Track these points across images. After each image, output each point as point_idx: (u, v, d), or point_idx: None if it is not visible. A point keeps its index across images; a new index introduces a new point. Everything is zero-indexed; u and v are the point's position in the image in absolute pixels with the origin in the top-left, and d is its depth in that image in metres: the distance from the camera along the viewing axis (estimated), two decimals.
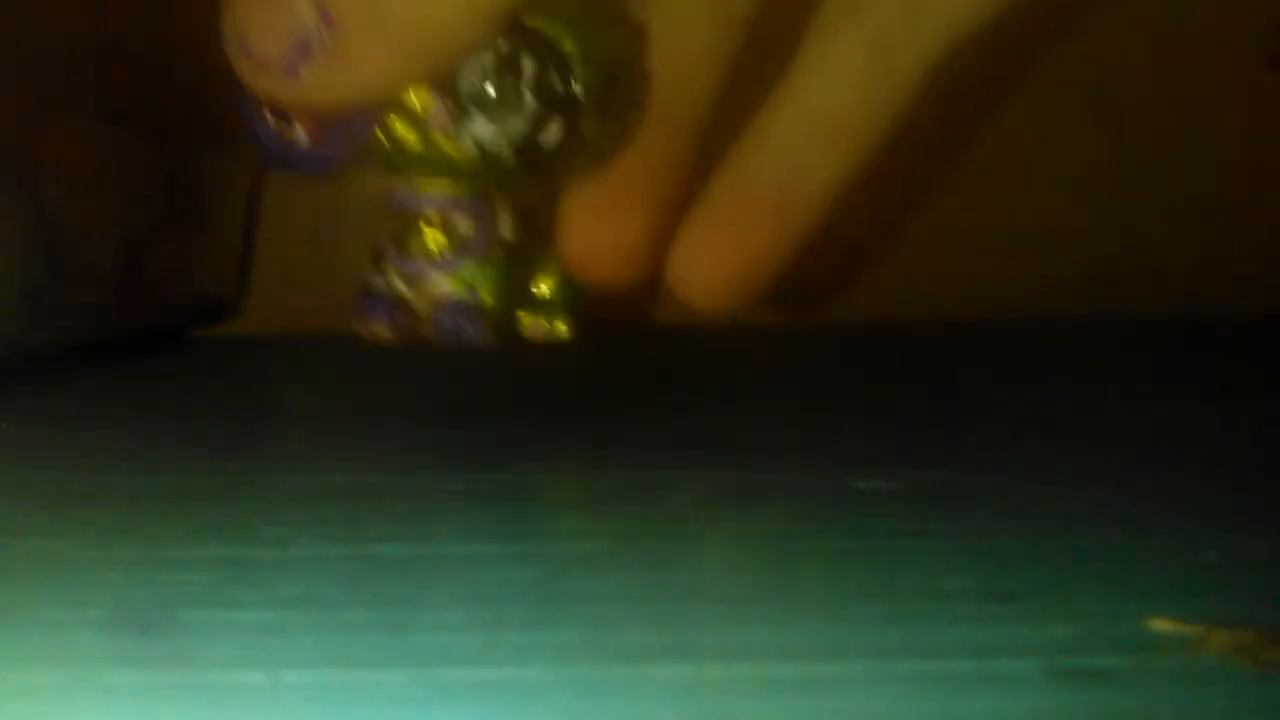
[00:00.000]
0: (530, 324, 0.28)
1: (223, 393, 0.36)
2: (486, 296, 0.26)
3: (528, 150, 0.24)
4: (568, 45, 0.24)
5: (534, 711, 0.14)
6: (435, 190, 0.26)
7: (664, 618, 0.17)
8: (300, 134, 0.24)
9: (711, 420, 0.29)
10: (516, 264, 0.27)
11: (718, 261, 0.28)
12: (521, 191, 0.27)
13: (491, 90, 0.24)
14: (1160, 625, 0.16)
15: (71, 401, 0.32)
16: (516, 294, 0.28)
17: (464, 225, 0.26)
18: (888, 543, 0.20)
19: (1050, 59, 0.50)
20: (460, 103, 0.24)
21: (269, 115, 0.24)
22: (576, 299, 0.28)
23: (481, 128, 0.24)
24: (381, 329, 0.26)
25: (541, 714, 0.14)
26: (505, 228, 0.27)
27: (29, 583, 0.18)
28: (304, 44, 0.22)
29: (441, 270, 0.26)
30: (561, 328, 0.28)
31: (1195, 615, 0.16)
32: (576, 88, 0.24)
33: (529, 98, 0.24)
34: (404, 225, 0.27)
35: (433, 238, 0.26)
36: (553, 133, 0.24)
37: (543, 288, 0.28)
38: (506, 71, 0.24)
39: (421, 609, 0.17)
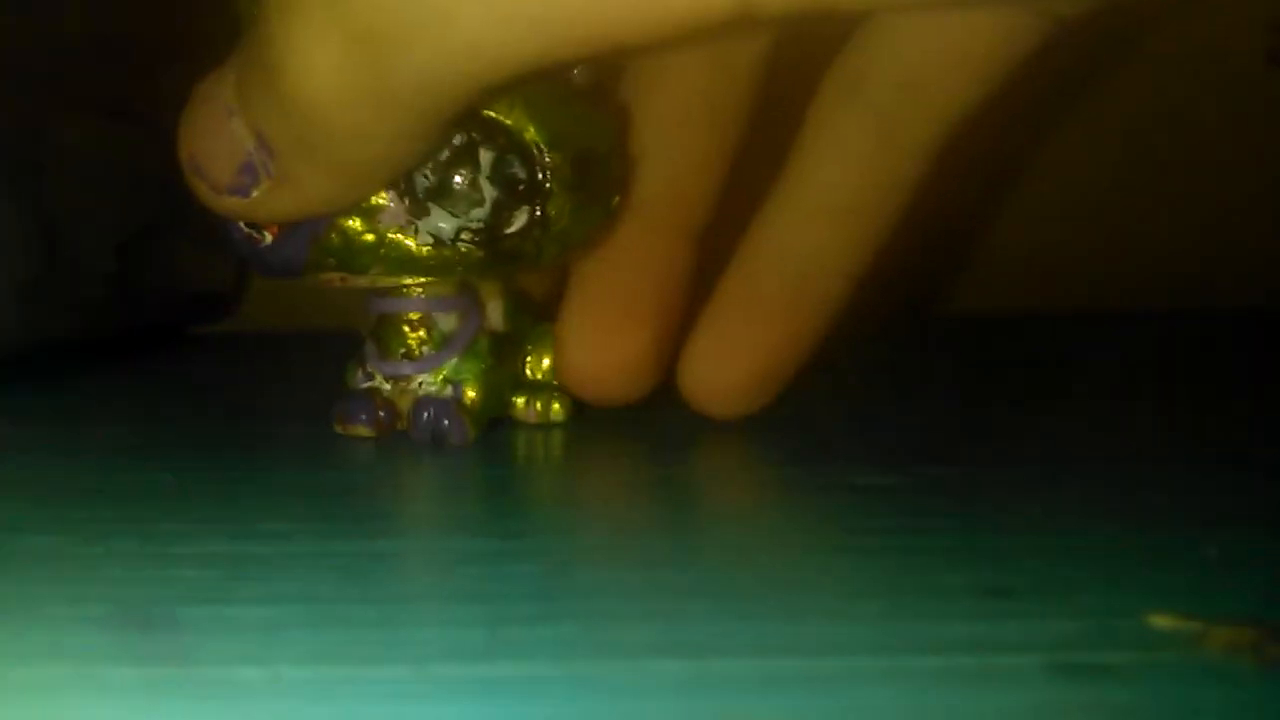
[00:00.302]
0: (523, 406, 0.28)
1: (222, 389, 0.36)
2: (470, 391, 0.26)
3: (490, 239, 0.24)
4: (531, 133, 0.23)
5: (535, 707, 0.14)
6: (415, 291, 0.26)
7: (664, 613, 0.16)
8: (267, 238, 0.24)
9: (711, 418, 0.28)
10: (507, 351, 0.27)
11: (731, 367, 0.27)
12: (504, 277, 0.27)
13: (446, 184, 0.24)
14: (1160, 621, 0.16)
15: (71, 398, 0.32)
16: (506, 380, 0.27)
17: (446, 323, 0.26)
18: (888, 539, 0.20)
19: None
20: (416, 198, 0.24)
21: (242, 224, 0.24)
22: None
23: (440, 221, 0.24)
24: (362, 428, 0.26)
25: (542, 709, 0.14)
26: (495, 317, 0.27)
27: (30, 579, 0.18)
28: (250, 169, 0.22)
29: (423, 369, 0.26)
30: (557, 409, 0.28)
31: (1195, 611, 0.16)
32: (544, 176, 0.24)
33: (488, 188, 0.24)
34: (385, 326, 0.26)
35: (414, 338, 0.26)
36: (518, 221, 0.24)
37: (541, 367, 0.28)
38: (462, 164, 0.23)
39: (421, 605, 0.17)
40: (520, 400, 0.28)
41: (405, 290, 0.26)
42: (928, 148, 0.26)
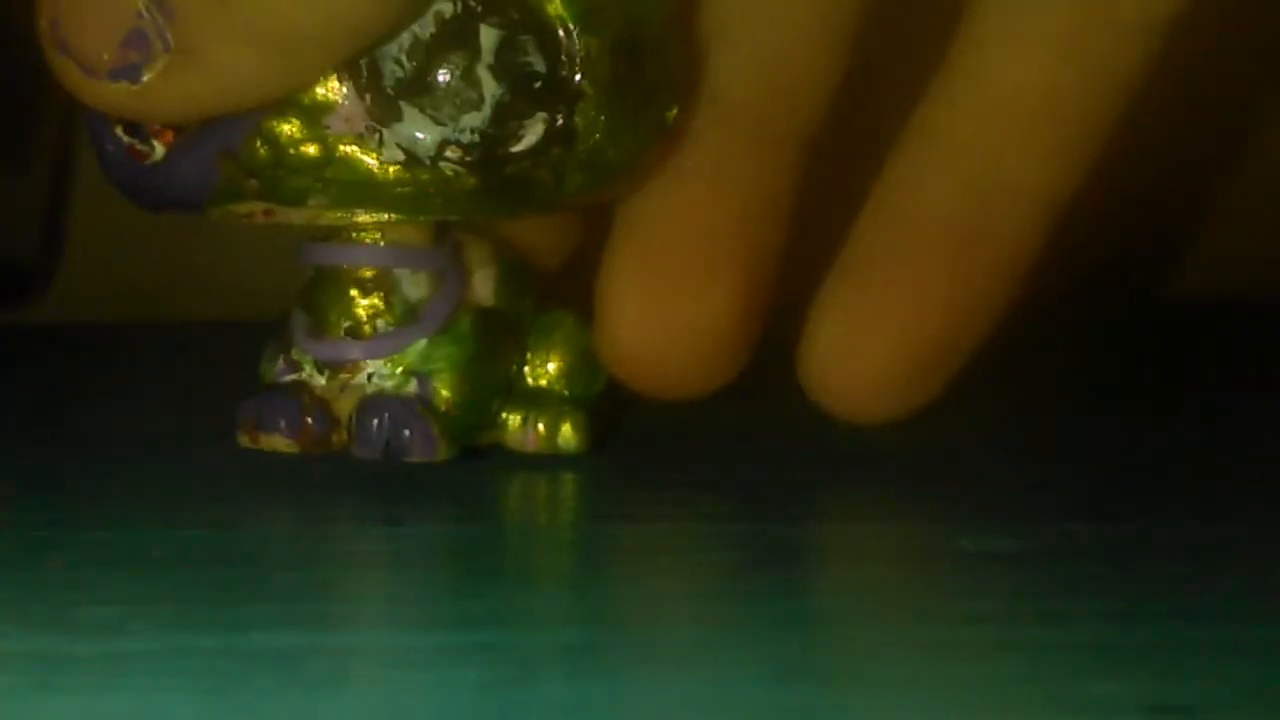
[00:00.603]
0: (517, 428, 0.23)
1: (27, 399, 0.32)
2: (443, 389, 0.22)
3: (489, 159, 0.20)
4: (555, 5, 0.20)
5: None
6: (371, 237, 0.22)
7: None
8: (158, 151, 0.21)
9: (733, 452, 0.24)
10: (499, 341, 0.23)
11: (874, 349, 0.23)
12: (493, 224, 0.23)
13: (429, 76, 0.20)
14: None
15: None
16: (496, 383, 0.23)
17: (413, 287, 0.22)
18: (1008, 630, 0.17)
19: None
20: (382, 94, 0.20)
21: (119, 129, 0.21)
22: (593, 389, 0.24)
23: (416, 129, 0.20)
24: (279, 440, 0.22)
25: None
26: (482, 287, 0.23)
27: None
28: (140, 38, 0.19)
29: (375, 353, 0.22)
30: (568, 432, 0.23)
31: None
32: (570, 67, 0.20)
33: (489, 83, 0.20)
34: (323, 288, 0.22)
35: (365, 307, 0.22)
36: (530, 134, 0.20)
37: (547, 371, 0.24)
38: (453, 47, 0.20)
39: None
40: (515, 418, 0.23)
41: (356, 235, 0.22)
42: (1155, 21, 0.22)
